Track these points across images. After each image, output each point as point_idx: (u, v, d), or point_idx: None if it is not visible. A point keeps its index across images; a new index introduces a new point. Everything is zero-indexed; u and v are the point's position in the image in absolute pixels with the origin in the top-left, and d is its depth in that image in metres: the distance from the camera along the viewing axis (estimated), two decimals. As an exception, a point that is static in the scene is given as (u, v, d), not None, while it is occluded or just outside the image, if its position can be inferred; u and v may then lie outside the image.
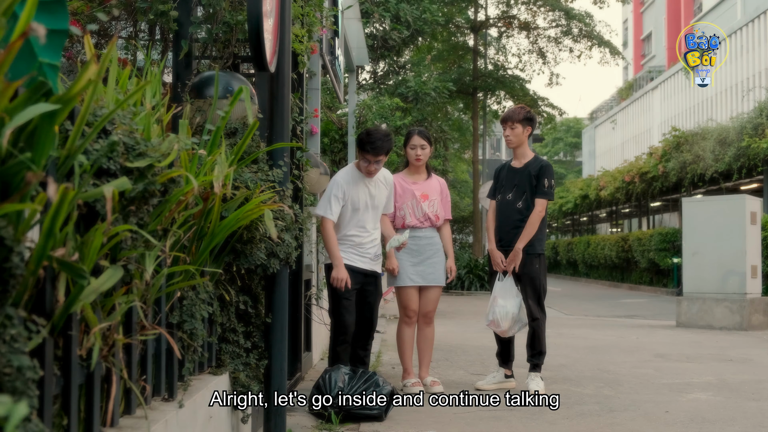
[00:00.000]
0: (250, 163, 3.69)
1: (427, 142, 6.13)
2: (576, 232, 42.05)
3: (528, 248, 6.06)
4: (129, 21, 4.81)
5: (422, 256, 6.05)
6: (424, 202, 6.06)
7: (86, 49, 2.25)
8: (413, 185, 6.11)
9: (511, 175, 6.24)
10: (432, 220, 6.09)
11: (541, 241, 6.16)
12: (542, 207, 6.06)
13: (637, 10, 50.84)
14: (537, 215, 6.03)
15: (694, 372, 7.05)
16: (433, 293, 6.17)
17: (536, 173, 6.08)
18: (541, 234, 6.14)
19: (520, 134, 6.18)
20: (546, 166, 6.14)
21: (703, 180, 21.65)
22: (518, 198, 6.12)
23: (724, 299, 11.25)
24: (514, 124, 6.17)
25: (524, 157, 6.24)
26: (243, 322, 3.68)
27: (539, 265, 6.15)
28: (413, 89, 18.13)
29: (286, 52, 4.00)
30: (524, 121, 6.18)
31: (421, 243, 6.06)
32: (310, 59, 6.77)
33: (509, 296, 6.07)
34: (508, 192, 6.20)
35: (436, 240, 6.13)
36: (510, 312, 6.05)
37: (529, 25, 27.08)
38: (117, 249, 2.13)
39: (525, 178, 6.12)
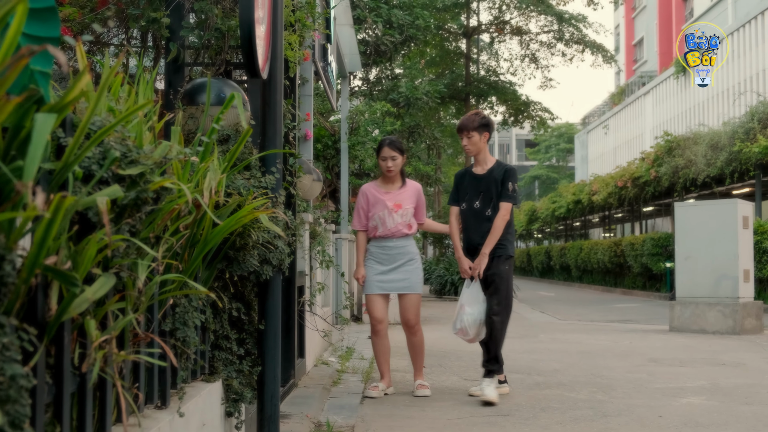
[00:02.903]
0: (242, 170, 3.69)
1: (398, 152, 6.14)
2: (569, 237, 42.11)
3: (497, 250, 6.01)
4: (121, 28, 4.81)
5: (393, 265, 6.10)
6: (397, 212, 6.08)
7: (78, 57, 2.25)
8: (385, 195, 6.14)
9: (475, 182, 6.17)
10: (404, 230, 6.10)
11: (510, 243, 6.11)
12: (506, 211, 6.00)
13: (629, 15, 51.02)
14: (501, 219, 5.98)
15: (687, 376, 7.06)
16: (408, 301, 6.16)
17: (501, 178, 6.04)
18: (510, 237, 6.10)
19: (477, 142, 6.11)
20: (510, 170, 6.10)
21: (695, 184, 21.72)
22: (486, 205, 6.08)
23: (716, 303, 11.27)
24: (470, 133, 6.10)
25: (486, 163, 6.19)
26: (236, 329, 3.67)
27: (508, 267, 6.08)
28: (404, 95, 18.15)
29: (278, 58, 4.00)
30: (480, 128, 6.10)
31: (392, 252, 6.10)
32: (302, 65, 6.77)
33: (476, 303, 6.01)
34: (474, 200, 6.13)
35: (409, 248, 6.14)
36: (478, 319, 5.99)
37: (522, 30, 27.15)
38: (109, 257, 2.12)
39: (491, 185, 6.07)
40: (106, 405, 2.16)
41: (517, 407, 5.59)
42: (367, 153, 13.10)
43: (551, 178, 65.45)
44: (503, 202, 6.00)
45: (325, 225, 8.18)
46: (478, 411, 5.47)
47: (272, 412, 3.89)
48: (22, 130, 1.64)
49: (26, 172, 1.57)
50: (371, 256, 6.20)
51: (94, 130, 2.01)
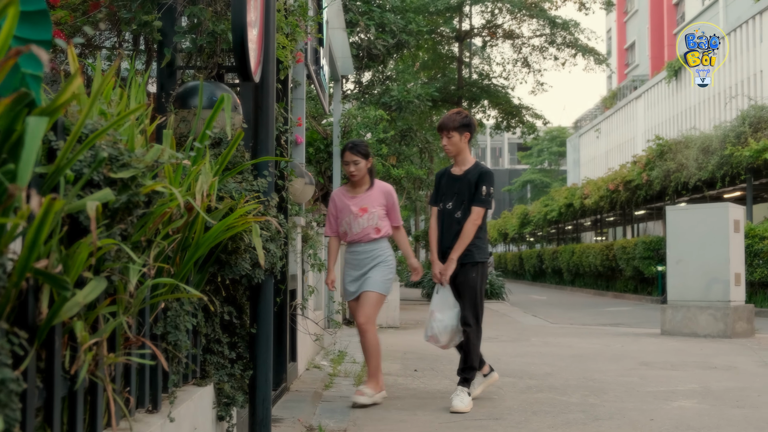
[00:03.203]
0: (234, 173, 3.69)
1: (361, 156, 5.94)
2: (561, 240, 42.19)
3: (465, 257, 5.85)
4: (113, 31, 4.80)
5: (363, 269, 5.96)
6: (362, 217, 5.92)
7: (70, 60, 2.25)
8: (351, 200, 6.00)
9: (451, 183, 6.03)
10: (372, 234, 5.94)
11: (481, 249, 5.92)
12: (478, 215, 5.84)
13: (621, 19, 51.17)
14: (471, 224, 5.82)
15: (678, 380, 7.07)
16: (363, 298, 5.92)
17: (475, 180, 5.90)
18: (481, 243, 5.92)
19: (457, 142, 5.96)
20: (485, 173, 5.94)
21: (686, 188, 21.79)
22: (458, 207, 5.92)
23: (708, 307, 11.29)
24: (450, 133, 5.94)
25: (465, 164, 6.03)
26: (228, 333, 3.66)
27: (476, 275, 5.87)
28: (396, 98, 18.17)
29: (270, 62, 4.00)
30: (461, 128, 5.94)
31: (360, 257, 5.96)
32: (294, 68, 6.78)
33: (446, 308, 5.83)
34: (448, 201, 6.00)
35: (377, 252, 5.96)
36: (449, 325, 5.82)
37: (514, 34, 27.21)
38: (101, 260, 2.12)
39: (464, 186, 5.93)
40: (97, 409, 2.15)
41: (509, 411, 5.59)
42: (360, 156, 13.08)
43: (543, 181, 65.57)
44: (475, 206, 5.86)
45: (317, 228, 8.18)
46: (470, 415, 5.47)
47: (264, 416, 3.89)
48: (13, 133, 1.64)
49: (20, 176, 1.57)
50: (346, 262, 6.09)
51: (86, 134, 2.01)
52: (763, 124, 18.31)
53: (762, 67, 26.55)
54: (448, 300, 5.84)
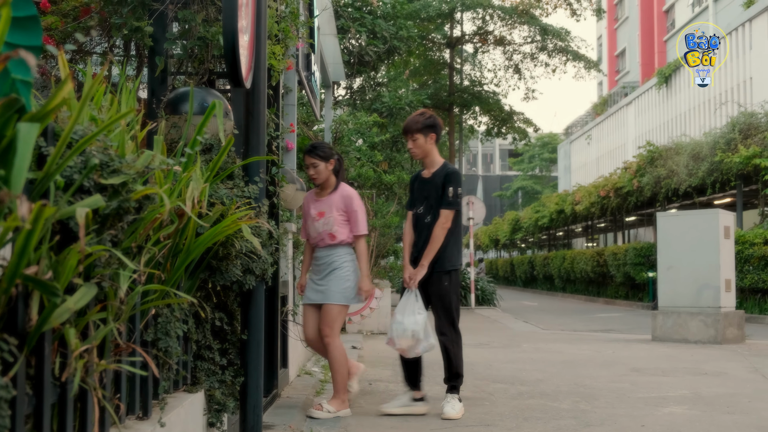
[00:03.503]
0: (225, 180, 3.68)
1: (319, 159, 5.68)
2: (552, 246, 42.25)
3: (436, 265, 5.66)
4: (104, 37, 4.80)
5: (321, 275, 5.68)
6: (319, 221, 5.66)
7: (61, 66, 2.24)
8: (314, 203, 5.77)
9: (422, 187, 5.86)
10: (327, 239, 5.65)
11: (453, 256, 5.72)
12: (446, 219, 5.63)
13: (611, 26, 51.35)
14: (440, 228, 5.63)
15: (669, 386, 7.08)
16: (323, 312, 5.66)
17: (442, 182, 5.70)
18: (452, 248, 5.72)
19: (423, 144, 5.76)
20: (451, 174, 5.73)
21: (677, 194, 21.86)
22: (427, 211, 5.74)
23: (698, 313, 11.32)
24: (414, 135, 5.74)
25: (433, 166, 5.83)
26: (219, 339, 3.66)
27: (449, 283, 5.70)
28: (387, 105, 18.19)
29: (261, 68, 4.01)
30: (425, 130, 5.74)
31: (319, 263, 5.71)
32: (286, 75, 6.78)
33: (408, 313, 5.57)
34: (419, 205, 5.82)
35: (331, 259, 5.65)
36: (408, 329, 5.54)
37: (505, 40, 27.28)
38: (91, 267, 2.11)
39: (432, 189, 5.74)
40: (87, 416, 2.14)
41: (501, 417, 5.59)
42: (351, 163, 13.10)
43: (534, 188, 65.69)
44: (443, 209, 5.66)
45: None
46: (462, 421, 5.47)
47: (255, 423, 3.88)
48: (3, 138, 1.64)
49: (13, 183, 1.56)
50: (311, 266, 5.91)
51: (76, 140, 2.00)
52: (753, 131, 18.39)
53: (752, 74, 26.68)
54: (412, 305, 5.60)
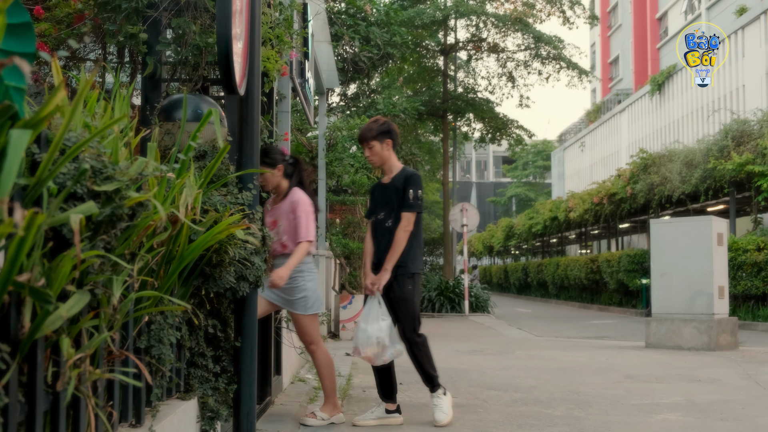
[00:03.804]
0: (219, 186, 3.68)
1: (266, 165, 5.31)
2: (546, 253, 42.29)
3: (399, 268, 5.55)
4: (98, 43, 4.80)
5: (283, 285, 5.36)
6: (272, 230, 5.43)
7: (54, 72, 2.24)
8: (269, 212, 5.56)
9: (382, 192, 5.77)
10: (278, 248, 5.44)
11: (415, 259, 5.62)
12: (408, 221, 5.54)
13: (605, 34, 51.49)
14: (402, 231, 5.53)
15: (663, 392, 7.09)
16: (295, 321, 5.58)
17: (402, 185, 5.62)
18: (414, 252, 5.62)
19: (379, 151, 5.68)
20: (411, 176, 5.64)
21: (670, 201, 21.90)
22: (388, 216, 5.65)
23: (692, 320, 11.33)
24: (370, 143, 5.67)
25: (392, 171, 5.76)
26: (212, 347, 3.65)
27: (412, 286, 5.59)
28: (382, 111, 18.21)
29: (255, 75, 4.01)
30: (380, 137, 5.66)
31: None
32: (280, 81, 6.78)
33: (372, 320, 5.46)
34: (380, 211, 5.73)
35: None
36: (373, 337, 5.42)
37: (498, 47, 27.34)
38: (84, 274, 2.11)
39: (392, 194, 5.65)
40: (79, 423, 2.13)
41: (494, 424, 5.58)
42: (345, 169, 13.11)
43: (528, 195, 65.79)
44: (404, 212, 5.57)
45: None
46: (455, 428, 5.46)
47: (248, 430, 3.87)
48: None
49: (1, 188, 1.56)
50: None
51: (69, 146, 2.00)
52: (746, 138, 18.45)
53: (744, 82, 26.77)
54: (376, 311, 5.49)
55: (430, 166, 35.85)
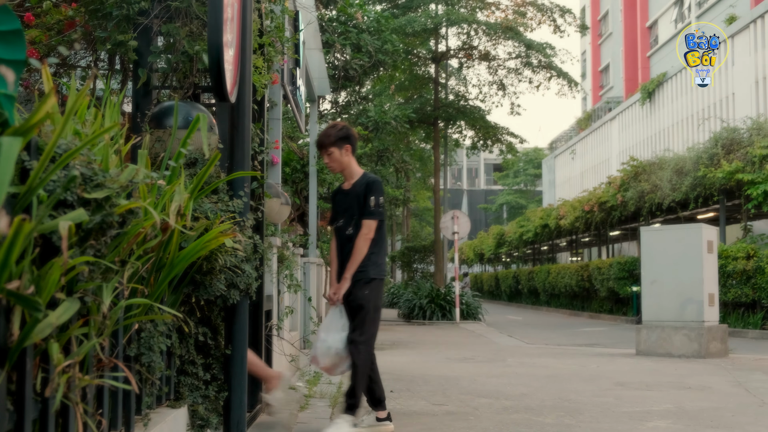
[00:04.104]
0: (210, 194, 3.68)
1: None
2: (537, 261, 42.32)
3: (359, 274, 5.42)
4: (88, 50, 4.79)
5: None
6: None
7: (44, 80, 2.23)
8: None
9: (342, 199, 5.68)
10: None
11: (376, 265, 5.48)
12: (369, 229, 5.42)
13: (595, 42, 51.68)
14: (363, 238, 5.41)
15: (653, 400, 7.09)
16: None
17: (363, 192, 5.50)
18: (376, 258, 5.49)
19: (338, 158, 5.56)
20: (372, 183, 5.52)
21: (660, 209, 21.96)
22: (348, 223, 5.55)
23: (682, 327, 11.36)
24: (328, 150, 5.55)
25: (352, 177, 5.65)
26: (202, 354, 3.64)
27: (369, 291, 5.41)
28: (373, 119, 18.23)
29: (246, 82, 4.01)
30: (338, 143, 5.54)
31: None
32: (271, 89, 6.78)
33: (333, 330, 5.39)
34: (340, 218, 5.65)
35: None
36: (332, 347, 5.34)
37: (490, 55, 27.41)
38: (74, 281, 2.10)
39: (353, 200, 5.54)
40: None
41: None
42: (336, 177, 13.10)
43: (519, 203, 65.93)
44: (365, 219, 5.45)
45: (293, 249, 8.17)
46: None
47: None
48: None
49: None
50: None
51: (60, 154, 1.99)
52: (736, 146, 18.52)
53: (734, 90, 26.89)
54: (336, 322, 5.41)
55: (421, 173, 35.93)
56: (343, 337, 5.33)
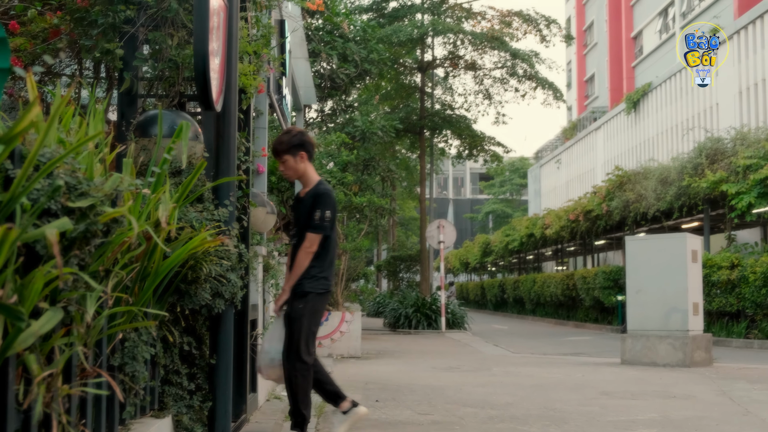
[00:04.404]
0: (195, 203, 3.67)
1: None
2: (522, 270, 42.39)
3: (296, 287, 5.22)
4: (73, 58, 4.77)
5: None
6: None
7: (29, 88, 2.22)
8: None
9: (296, 207, 5.54)
10: None
11: (315, 279, 5.25)
12: (310, 242, 5.20)
13: (581, 52, 51.93)
14: (304, 252, 5.20)
15: (638, 409, 7.11)
16: None
17: (310, 204, 5.29)
18: (317, 272, 5.26)
19: (293, 165, 5.34)
20: (320, 195, 5.29)
21: (645, 218, 22.05)
22: (297, 234, 5.39)
23: (667, 336, 11.39)
24: (283, 157, 5.33)
25: (308, 185, 5.44)
26: (187, 364, 3.62)
27: (303, 305, 5.21)
28: (360, 128, 18.25)
29: (232, 91, 4.00)
30: (292, 150, 5.31)
31: None
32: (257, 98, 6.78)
33: (274, 340, 5.27)
34: (295, 226, 5.49)
35: None
36: (275, 359, 5.24)
37: (476, 65, 27.49)
38: (57, 291, 2.09)
39: (304, 210, 5.34)
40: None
41: (471, 441, 5.58)
42: (322, 186, 13.10)
43: (505, 212, 66.05)
44: (308, 232, 5.23)
45: (278, 258, 8.14)
46: (432, 445, 5.45)
47: (223, 448, 3.84)
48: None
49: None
50: None
51: (43, 162, 1.98)
52: (720, 156, 18.63)
53: (718, 100, 27.05)
54: (279, 332, 5.27)
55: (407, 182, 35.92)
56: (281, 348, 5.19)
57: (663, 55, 36.86)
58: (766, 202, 16.86)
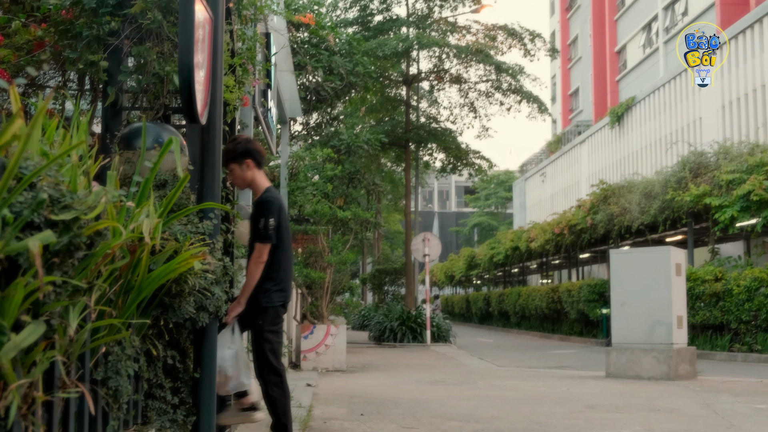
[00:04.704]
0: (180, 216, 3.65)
1: None
2: (507, 283, 42.46)
3: (251, 302, 5.12)
4: (58, 70, 4.76)
5: None
6: None
7: (12, 100, 2.21)
8: None
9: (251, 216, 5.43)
10: None
11: (267, 293, 5.19)
12: (259, 252, 5.11)
13: (565, 66, 52.22)
14: (253, 262, 5.11)
15: (623, 422, 7.11)
16: None
17: (254, 212, 5.23)
18: (268, 285, 5.19)
19: (240, 174, 5.24)
20: (261, 203, 5.20)
21: (629, 232, 22.16)
22: (249, 243, 5.33)
23: (651, 349, 11.43)
24: (230, 167, 5.19)
25: (257, 193, 5.35)
26: (171, 378, 3.60)
27: (262, 322, 5.19)
28: (346, 142, 18.25)
29: (217, 103, 3.99)
30: (238, 158, 5.20)
31: None
32: (242, 111, 6.77)
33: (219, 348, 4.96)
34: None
35: None
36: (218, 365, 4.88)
37: (461, 78, 27.58)
38: (39, 303, 2.07)
39: (252, 219, 5.28)
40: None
41: (456, 455, 5.56)
42: (307, 198, 13.10)
43: (490, 224, 66.17)
44: (255, 242, 5.15)
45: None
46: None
47: (207, 463, 3.81)
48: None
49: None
50: None
51: (25, 173, 1.97)
52: (703, 170, 18.75)
53: (701, 114, 27.24)
54: (225, 339, 5.02)
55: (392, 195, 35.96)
56: (225, 355, 4.99)
57: (647, 69, 37.12)
58: (748, 216, 16.97)
